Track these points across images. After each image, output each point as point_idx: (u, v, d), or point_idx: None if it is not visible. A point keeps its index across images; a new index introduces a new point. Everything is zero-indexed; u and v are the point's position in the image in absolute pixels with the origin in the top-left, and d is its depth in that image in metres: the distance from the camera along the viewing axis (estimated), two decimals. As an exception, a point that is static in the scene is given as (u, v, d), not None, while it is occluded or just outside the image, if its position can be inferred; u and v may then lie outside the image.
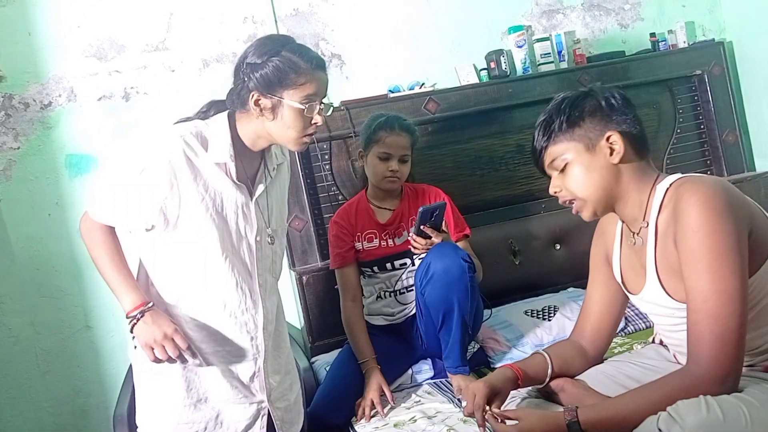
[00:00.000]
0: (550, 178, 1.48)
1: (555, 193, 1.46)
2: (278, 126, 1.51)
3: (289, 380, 1.74)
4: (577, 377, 1.57)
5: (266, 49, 1.50)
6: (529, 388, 1.61)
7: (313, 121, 1.53)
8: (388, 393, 2.04)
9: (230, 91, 1.58)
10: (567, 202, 1.46)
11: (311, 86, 1.50)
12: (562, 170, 1.42)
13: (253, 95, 1.50)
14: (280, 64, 1.48)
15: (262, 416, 1.64)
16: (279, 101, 1.49)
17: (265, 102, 1.50)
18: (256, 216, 1.60)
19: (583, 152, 1.39)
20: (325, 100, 1.56)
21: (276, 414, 1.66)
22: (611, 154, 1.38)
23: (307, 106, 1.49)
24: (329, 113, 1.60)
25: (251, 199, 1.59)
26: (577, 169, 1.40)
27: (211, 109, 1.62)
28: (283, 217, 1.74)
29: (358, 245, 2.26)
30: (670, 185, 1.36)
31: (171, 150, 1.48)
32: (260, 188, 1.61)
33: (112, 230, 1.57)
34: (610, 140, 1.38)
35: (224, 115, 1.57)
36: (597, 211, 1.43)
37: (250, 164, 1.61)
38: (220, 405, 1.59)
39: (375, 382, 2.05)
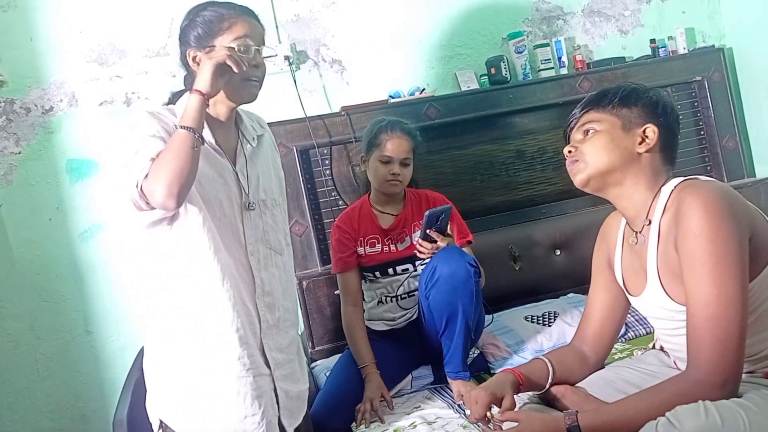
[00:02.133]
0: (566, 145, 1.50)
1: (568, 152, 1.47)
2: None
3: (293, 367, 1.71)
4: (577, 384, 1.57)
5: (191, 15, 1.58)
6: (530, 393, 1.61)
7: (253, 63, 1.55)
8: (387, 398, 2.04)
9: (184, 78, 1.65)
10: (571, 162, 1.46)
11: (240, 28, 1.54)
12: (587, 136, 1.45)
13: (189, 53, 1.56)
14: (206, 16, 1.55)
15: (271, 390, 1.62)
16: (212, 49, 1.53)
17: (203, 56, 1.53)
18: (240, 184, 1.62)
19: (618, 128, 1.43)
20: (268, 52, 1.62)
21: (280, 394, 1.64)
22: (641, 143, 1.41)
23: (238, 45, 1.52)
24: (271, 57, 1.64)
25: (234, 167, 1.62)
26: (603, 138, 1.43)
27: (175, 97, 1.67)
28: (276, 188, 1.74)
29: (360, 250, 2.26)
30: (675, 187, 1.37)
31: (146, 116, 1.54)
32: (241, 157, 1.64)
33: None
34: (646, 132, 1.41)
35: (186, 92, 1.59)
36: (591, 180, 1.44)
37: (225, 136, 1.64)
38: (229, 380, 1.57)
39: (375, 387, 2.05)
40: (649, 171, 1.42)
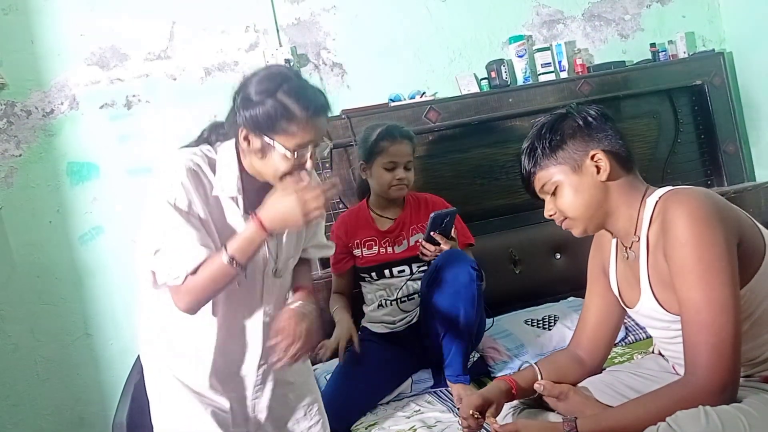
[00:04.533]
0: (543, 201, 1.49)
1: (550, 216, 1.47)
2: (266, 166, 1.43)
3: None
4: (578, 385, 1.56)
5: (262, 87, 1.39)
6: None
7: (301, 162, 1.42)
8: (355, 341, 2.12)
9: (227, 116, 1.49)
10: (560, 222, 1.47)
11: (304, 136, 1.39)
12: (554, 193, 1.44)
13: (242, 131, 1.42)
14: (272, 109, 1.37)
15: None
16: (268, 144, 1.40)
17: (255, 141, 1.40)
18: (264, 249, 1.54)
19: (571, 174, 1.40)
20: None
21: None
22: (598, 172, 1.38)
23: (297, 154, 1.40)
24: (325, 153, 1.53)
25: None
26: (566, 190, 1.41)
27: (212, 133, 1.54)
28: (299, 244, 1.65)
29: (357, 252, 2.27)
30: (660, 198, 1.36)
31: (182, 174, 1.42)
32: None
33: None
34: (595, 159, 1.38)
35: (231, 144, 1.48)
36: (588, 229, 1.44)
37: (258, 195, 1.49)
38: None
39: (345, 328, 2.16)
40: (623, 190, 1.40)
